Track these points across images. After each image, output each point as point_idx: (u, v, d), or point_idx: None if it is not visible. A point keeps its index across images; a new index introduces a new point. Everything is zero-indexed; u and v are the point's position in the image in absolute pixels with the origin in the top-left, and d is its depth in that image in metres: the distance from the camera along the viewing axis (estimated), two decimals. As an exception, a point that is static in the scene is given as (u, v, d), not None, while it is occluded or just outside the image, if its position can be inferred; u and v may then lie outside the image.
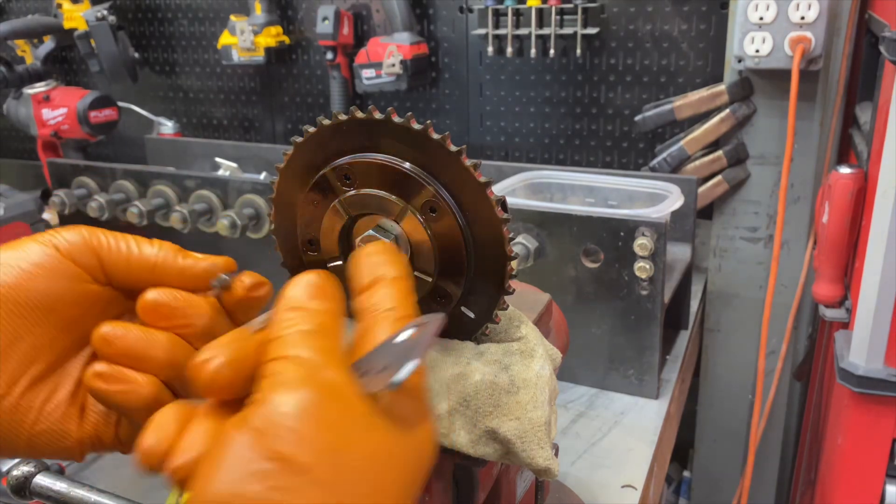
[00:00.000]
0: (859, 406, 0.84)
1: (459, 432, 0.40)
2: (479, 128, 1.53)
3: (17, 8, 1.97)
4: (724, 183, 1.23)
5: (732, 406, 1.37)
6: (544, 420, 0.41)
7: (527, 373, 0.42)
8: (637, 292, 0.89)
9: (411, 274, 0.37)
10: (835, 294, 0.96)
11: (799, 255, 1.22)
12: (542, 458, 0.41)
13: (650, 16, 1.32)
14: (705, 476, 1.45)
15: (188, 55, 1.80)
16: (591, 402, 0.94)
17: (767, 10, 1.08)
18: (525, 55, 1.39)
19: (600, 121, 1.43)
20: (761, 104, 1.19)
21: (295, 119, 1.72)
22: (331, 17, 1.49)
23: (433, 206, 0.38)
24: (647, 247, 0.85)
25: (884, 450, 0.85)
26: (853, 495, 0.88)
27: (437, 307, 0.41)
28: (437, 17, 1.50)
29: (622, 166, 1.43)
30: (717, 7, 1.28)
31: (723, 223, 1.27)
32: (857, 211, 0.91)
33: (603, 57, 1.38)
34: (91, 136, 1.66)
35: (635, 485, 0.79)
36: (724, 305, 1.31)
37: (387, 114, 0.38)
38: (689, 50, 1.32)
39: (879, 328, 0.80)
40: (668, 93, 1.35)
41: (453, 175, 0.38)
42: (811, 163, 1.18)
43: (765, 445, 1.33)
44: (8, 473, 0.64)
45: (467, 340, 0.43)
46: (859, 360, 0.82)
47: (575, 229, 0.90)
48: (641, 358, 0.92)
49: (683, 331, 1.13)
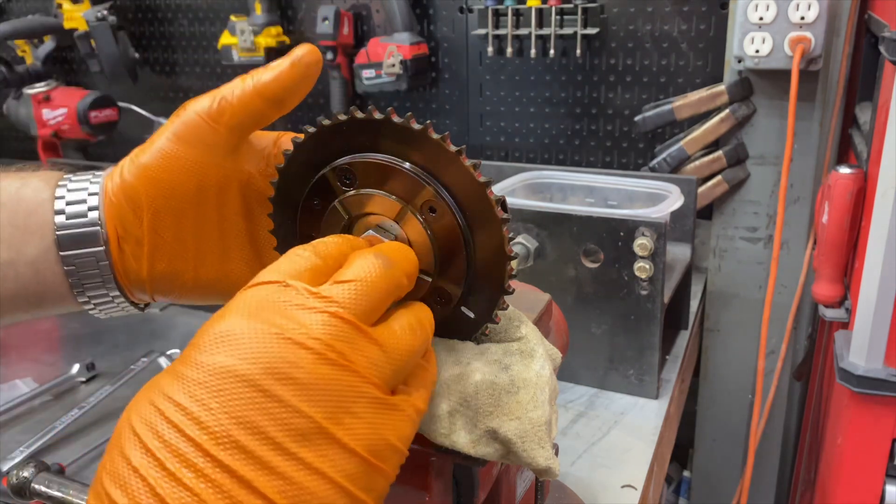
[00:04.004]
0: (859, 406, 0.84)
1: (460, 432, 0.40)
2: (479, 128, 1.53)
3: (18, 8, 1.97)
4: (723, 183, 1.23)
5: (732, 406, 1.37)
6: (545, 420, 0.41)
7: (527, 373, 0.42)
8: (637, 292, 0.89)
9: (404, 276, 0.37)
10: (834, 294, 0.96)
11: (799, 255, 1.22)
12: (542, 457, 0.41)
13: (650, 16, 1.32)
14: (705, 476, 1.45)
15: (188, 55, 1.80)
16: (591, 402, 0.94)
17: (767, 10, 1.08)
18: (525, 55, 1.39)
19: (600, 121, 1.43)
20: (761, 104, 1.19)
21: (295, 119, 1.72)
22: (331, 18, 1.49)
23: (433, 206, 0.38)
24: (647, 247, 0.85)
25: (883, 450, 0.85)
26: (853, 495, 0.88)
27: (437, 307, 0.41)
28: (437, 17, 1.50)
29: (622, 166, 1.43)
30: (716, 7, 1.28)
31: (722, 223, 1.28)
32: (856, 211, 0.91)
33: (603, 57, 1.38)
34: (91, 136, 1.66)
35: (635, 485, 0.79)
36: (723, 305, 1.31)
37: (387, 114, 0.38)
38: (689, 50, 1.32)
39: (879, 328, 0.80)
40: (667, 93, 1.35)
41: (453, 175, 0.38)
42: (811, 163, 1.18)
43: (764, 445, 1.33)
44: (8, 473, 0.64)
45: (467, 340, 0.43)
46: (859, 360, 0.82)
47: (575, 229, 0.90)
48: (641, 358, 0.93)
49: (683, 331, 1.13)
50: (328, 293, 0.31)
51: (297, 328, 0.29)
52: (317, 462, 0.28)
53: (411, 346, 0.34)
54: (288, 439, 0.27)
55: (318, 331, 0.29)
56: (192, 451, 0.26)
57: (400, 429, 0.32)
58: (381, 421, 0.30)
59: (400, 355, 0.33)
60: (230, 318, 0.30)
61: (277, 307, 0.30)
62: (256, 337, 0.29)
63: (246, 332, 0.29)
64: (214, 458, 0.26)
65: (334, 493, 0.28)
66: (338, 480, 0.28)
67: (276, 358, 0.28)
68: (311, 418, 0.28)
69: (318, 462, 0.28)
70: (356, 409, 0.29)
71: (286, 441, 0.27)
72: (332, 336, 0.30)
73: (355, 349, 0.30)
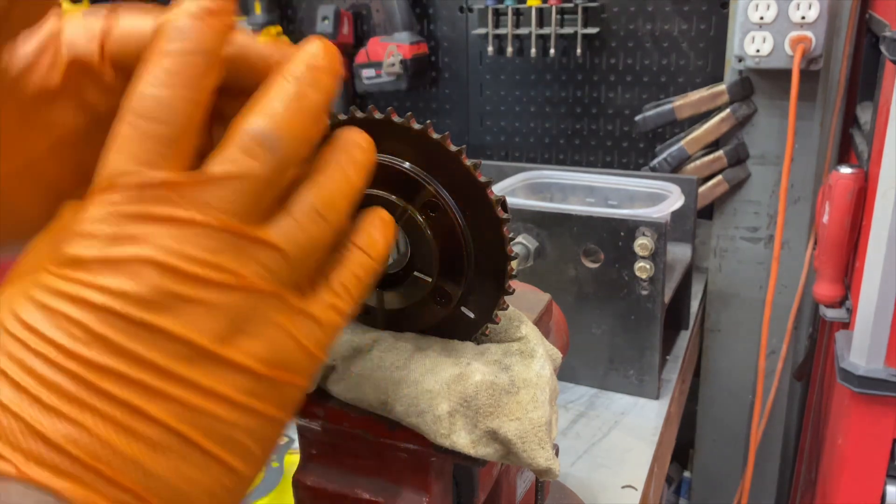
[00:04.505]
0: (860, 406, 0.84)
1: (460, 433, 0.40)
2: (479, 128, 1.53)
3: (17, 8, 1.97)
4: (724, 183, 1.23)
5: (733, 406, 1.36)
6: (545, 420, 0.41)
7: (527, 373, 0.42)
8: (637, 292, 0.89)
9: None
10: (835, 294, 0.95)
11: (799, 255, 1.22)
12: (543, 458, 0.41)
13: (650, 15, 1.32)
14: (706, 476, 1.45)
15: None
16: (592, 403, 0.94)
17: (768, 9, 1.08)
18: (525, 55, 1.39)
19: (600, 120, 1.43)
20: (762, 104, 1.19)
21: (295, 119, 1.71)
22: (330, 17, 1.49)
23: (433, 206, 0.38)
24: (648, 247, 0.85)
25: (884, 450, 0.85)
26: (854, 496, 0.88)
27: (437, 307, 0.41)
28: (437, 16, 1.50)
29: (622, 166, 1.43)
30: (717, 7, 1.28)
31: (723, 223, 1.27)
32: (857, 211, 0.91)
33: (603, 57, 1.38)
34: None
35: (636, 485, 0.78)
36: (724, 305, 1.31)
37: (387, 114, 0.38)
38: (690, 50, 1.32)
39: (880, 328, 0.80)
40: (668, 92, 1.35)
41: (453, 175, 0.38)
42: (811, 163, 1.18)
43: (765, 446, 1.33)
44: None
45: (467, 341, 0.43)
46: (860, 361, 0.82)
47: (575, 229, 0.89)
48: (642, 358, 0.92)
49: (684, 331, 1.13)
50: (199, 197, 0.26)
51: (168, 249, 0.25)
52: (210, 383, 0.25)
53: (315, 238, 0.28)
54: (174, 364, 0.25)
55: (192, 250, 0.25)
56: (73, 384, 0.24)
57: (309, 334, 0.28)
58: (282, 332, 0.27)
59: (301, 252, 0.28)
60: (86, 240, 0.25)
61: (139, 221, 0.25)
62: (125, 266, 0.25)
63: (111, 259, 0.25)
64: (99, 389, 0.24)
65: (236, 412, 0.26)
66: (237, 398, 0.26)
67: (150, 288, 0.25)
68: (197, 344, 0.25)
69: (212, 383, 0.25)
70: (250, 326, 0.26)
71: (173, 366, 0.25)
72: (211, 250, 0.25)
73: (241, 258, 0.26)
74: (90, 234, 0.25)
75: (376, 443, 0.41)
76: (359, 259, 0.31)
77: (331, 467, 0.44)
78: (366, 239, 0.32)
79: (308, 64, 0.29)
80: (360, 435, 0.42)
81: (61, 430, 0.23)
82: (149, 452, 0.24)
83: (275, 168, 0.27)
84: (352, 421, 0.41)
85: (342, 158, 0.30)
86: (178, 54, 0.27)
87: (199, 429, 0.25)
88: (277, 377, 0.27)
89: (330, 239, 0.29)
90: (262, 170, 0.27)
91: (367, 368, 0.40)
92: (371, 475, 0.43)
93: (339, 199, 0.29)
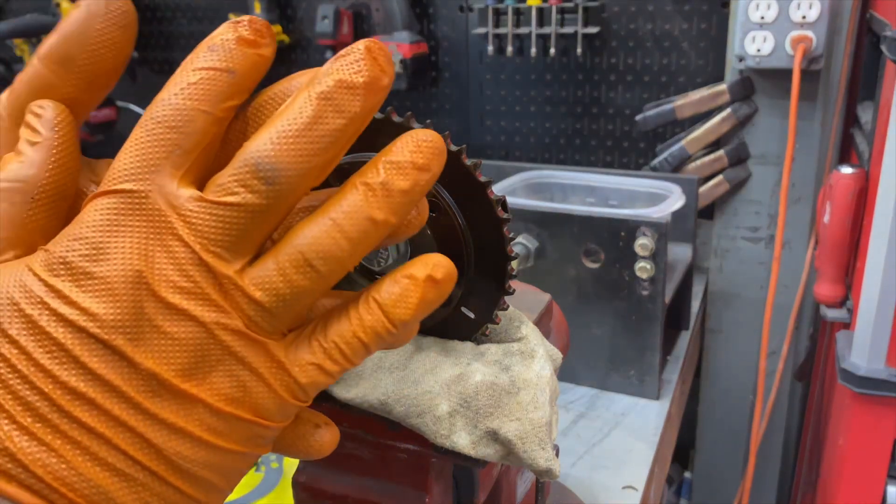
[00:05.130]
0: (861, 407, 0.84)
1: (460, 433, 0.40)
2: (479, 127, 1.53)
3: (16, 7, 1.97)
4: (725, 183, 1.23)
5: (733, 407, 1.36)
6: (545, 421, 0.41)
7: (527, 373, 0.42)
8: (638, 292, 0.89)
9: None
10: (836, 294, 0.95)
11: (800, 255, 1.22)
12: (543, 458, 0.41)
13: (651, 15, 1.32)
14: (706, 477, 1.45)
15: (187, 54, 1.79)
16: (592, 403, 0.94)
17: (768, 9, 1.08)
18: (525, 54, 1.39)
19: (601, 120, 1.43)
20: (762, 104, 1.19)
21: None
22: (330, 16, 1.49)
23: (433, 206, 0.38)
24: (648, 247, 0.85)
25: (885, 450, 0.84)
26: (854, 496, 0.87)
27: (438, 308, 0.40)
28: (437, 16, 1.50)
29: (623, 166, 1.43)
30: (717, 6, 1.27)
31: (724, 223, 1.27)
32: (858, 211, 0.91)
33: (604, 56, 1.38)
34: (89, 135, 1.66)
35: (636, 486, 0.78)
36: (725, 306, 1.31)
37: (386, 113, 0.37)
38: (690, 49, 1.31)
39: (881, 328, 0.80)
40: (668, 92, 1.35)
41: (453, 175, 0.37)
42: (812, 162, 1.18)
43: (766, 446, 1.33)
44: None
45: (467, 341, 0.43)
46: (861, 361, 0.82)
47: (575, 229, 0.89)
48: (642, 358, 0.92)
49: (684, 331, 1.13)
50: (189, 217, 0.25)
51: (151, 267, 0.25)
52: (173, 418, 0.25)
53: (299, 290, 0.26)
54: (140, 396, 0.25)
55: (174, 274, 0.25)
56: (46, 406, 0.24)
57: (284, 384, 0.27)
58: (253, 375, 0.26)
59: (281, 303, 0.26)
60: (76, 243, 0.25)
61: (126, 233, 0.25)
62: (109, 282, 0.25)
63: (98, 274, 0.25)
64: (70, 414, 0.24)
65: (198, 448, 0.26)
66: (198, 434, 0.26)
67: (125, 313, 0.25)
68: (162, 378, 0.25)
69: (175, 418, 0.25)
70: (220, 364, 0.26)
71: (139, 398, 0.25)
72: (190, 278, 0.25)
73: (220, 292, 0.25)
74: (80, 238, 0.25)
75: (376, 443, 0.41)
76: (370, 321, 0.27)
77: (331, 467, 0.44)
78: (390, 298, 0.28)
79: (339, 80, 0.26)
80: (360, 435, 0.42)
81: (32, 450, 0.24)
82: (114, 480, 0.25)
83: (271, 201, 0.25)
84: (351, 421, 0.41)
85: (366, 201, 0.27)
86: (205, 70, 0.27)
87: (162, 462, 0.25)
88: (242, 416, 0.26)
89: (322, 290, 0.27)
90: (257, 201, 0.25)
91: (367, 369, 0.40)
92: (371, 475, 0.43)
93: (342, 248, 0.26)
